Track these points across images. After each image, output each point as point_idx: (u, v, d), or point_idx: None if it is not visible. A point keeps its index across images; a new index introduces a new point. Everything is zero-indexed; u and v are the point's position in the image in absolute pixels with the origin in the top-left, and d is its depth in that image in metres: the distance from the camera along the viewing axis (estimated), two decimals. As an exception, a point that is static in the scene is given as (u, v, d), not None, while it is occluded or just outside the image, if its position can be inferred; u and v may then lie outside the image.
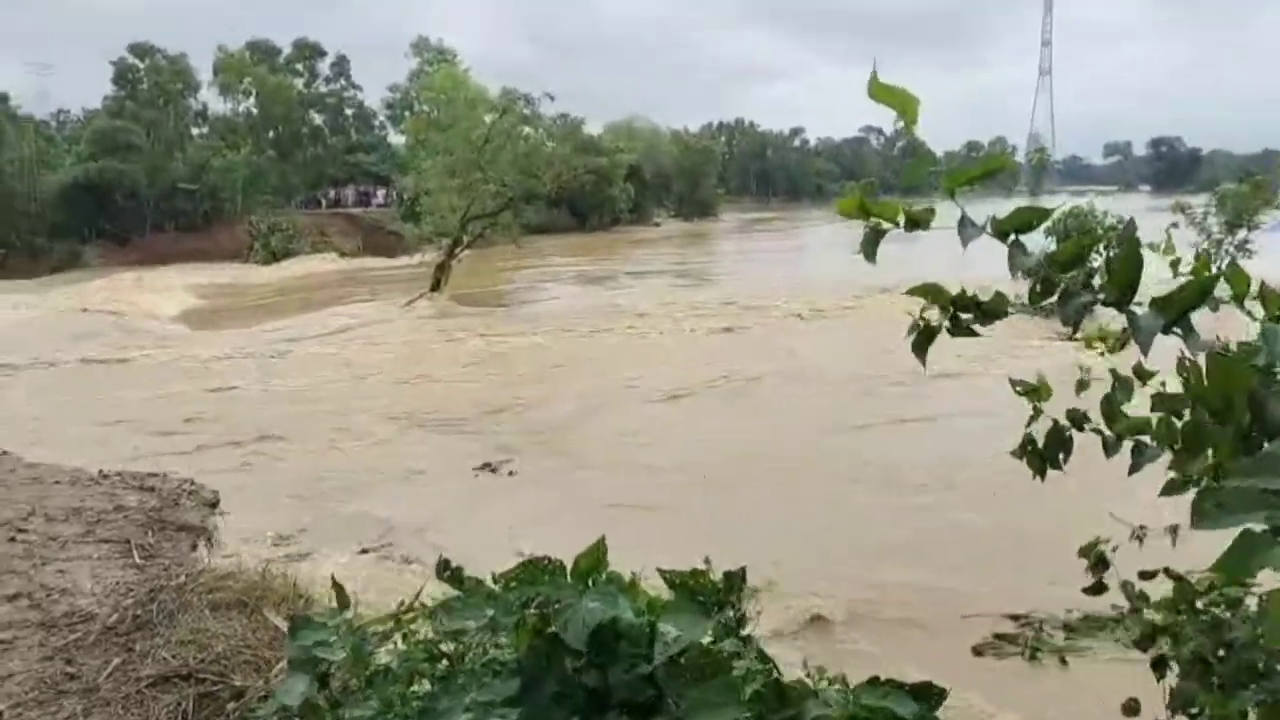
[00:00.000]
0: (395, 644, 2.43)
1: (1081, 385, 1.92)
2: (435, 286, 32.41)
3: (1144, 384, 1.77)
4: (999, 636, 6.62)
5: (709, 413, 14.50)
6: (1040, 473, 1.79)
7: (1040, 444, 1.80)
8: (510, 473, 11.25)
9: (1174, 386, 1.64)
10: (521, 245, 37.67)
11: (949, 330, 1.57)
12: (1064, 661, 6.21)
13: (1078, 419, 1.79)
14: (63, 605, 3.99)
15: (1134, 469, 1.68)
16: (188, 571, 4.19)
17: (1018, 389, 1.89)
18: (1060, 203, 19.87)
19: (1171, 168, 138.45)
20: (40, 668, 3.53)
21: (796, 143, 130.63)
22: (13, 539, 4.87)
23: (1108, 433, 1.74)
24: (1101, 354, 1.92)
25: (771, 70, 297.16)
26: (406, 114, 49.86)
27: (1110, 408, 1.74)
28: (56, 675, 3.49)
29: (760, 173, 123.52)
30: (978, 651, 6.45)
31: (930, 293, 1.57)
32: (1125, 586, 2.18)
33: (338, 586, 2.53)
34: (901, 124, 1.49)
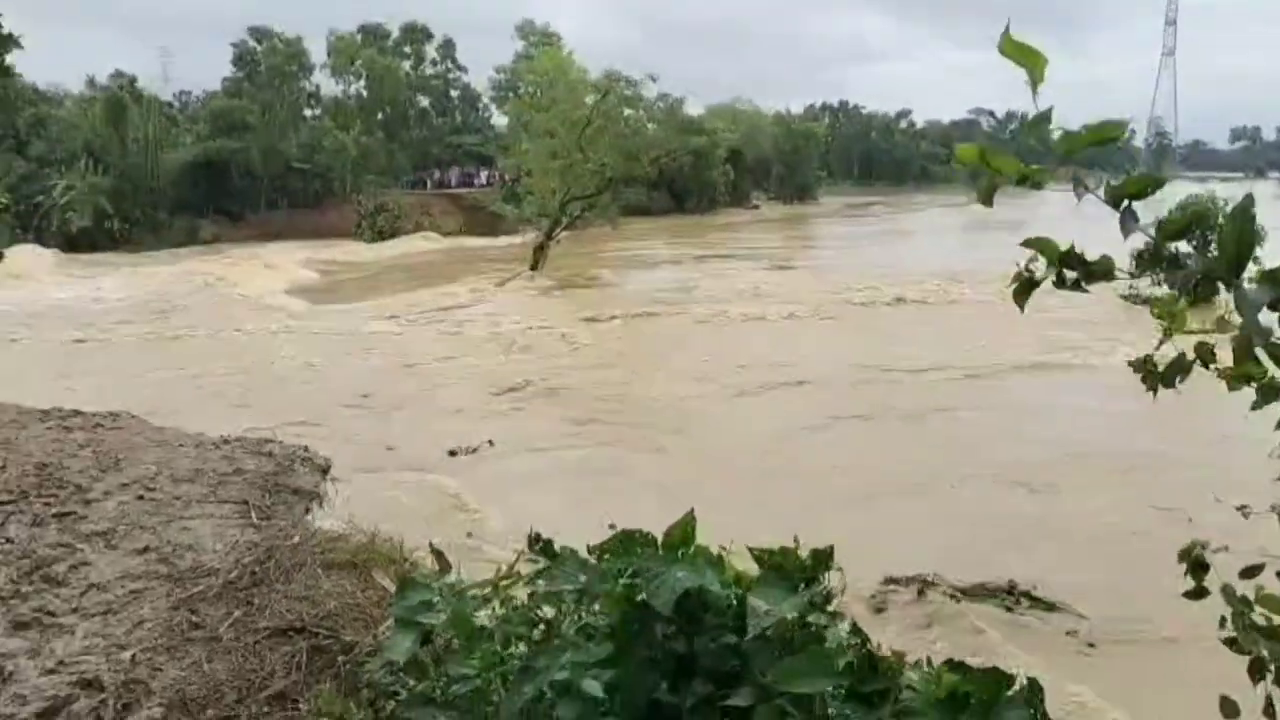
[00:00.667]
0: (493, 609, 2.56)
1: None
2: (534, 266, 32.91)
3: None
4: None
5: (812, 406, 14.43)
6: (1153, 389, 1.79)
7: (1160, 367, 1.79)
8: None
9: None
10: (619, 227, 37.90)
11: (1054, 283, 1.60)
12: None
13: (1205, 353, 1.78)
14: (188, 560, 4.26)
15: (1256, 406, 1.67)
16: (301, 533, 4.43)
17: (1153, 312, 1.89)
18: (1179, 192, 18.97)
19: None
20: (168, 616, 3.79)
21: (903, 125, 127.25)
22: (141, 497, 5.19)
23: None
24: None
25: (879, 51, 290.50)
26: (510, 96, 50.59)
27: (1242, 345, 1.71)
28: (183, 624, 3.74)
29: (863, 155, 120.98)
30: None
31: (1041, 245, 1.60)
32: (1225, 590, 2.15)
33: (437, 552, 2.64)
34: (1025, 96, 1.52)
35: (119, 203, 50.48)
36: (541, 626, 2.46)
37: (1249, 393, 1.63)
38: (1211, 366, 1.74)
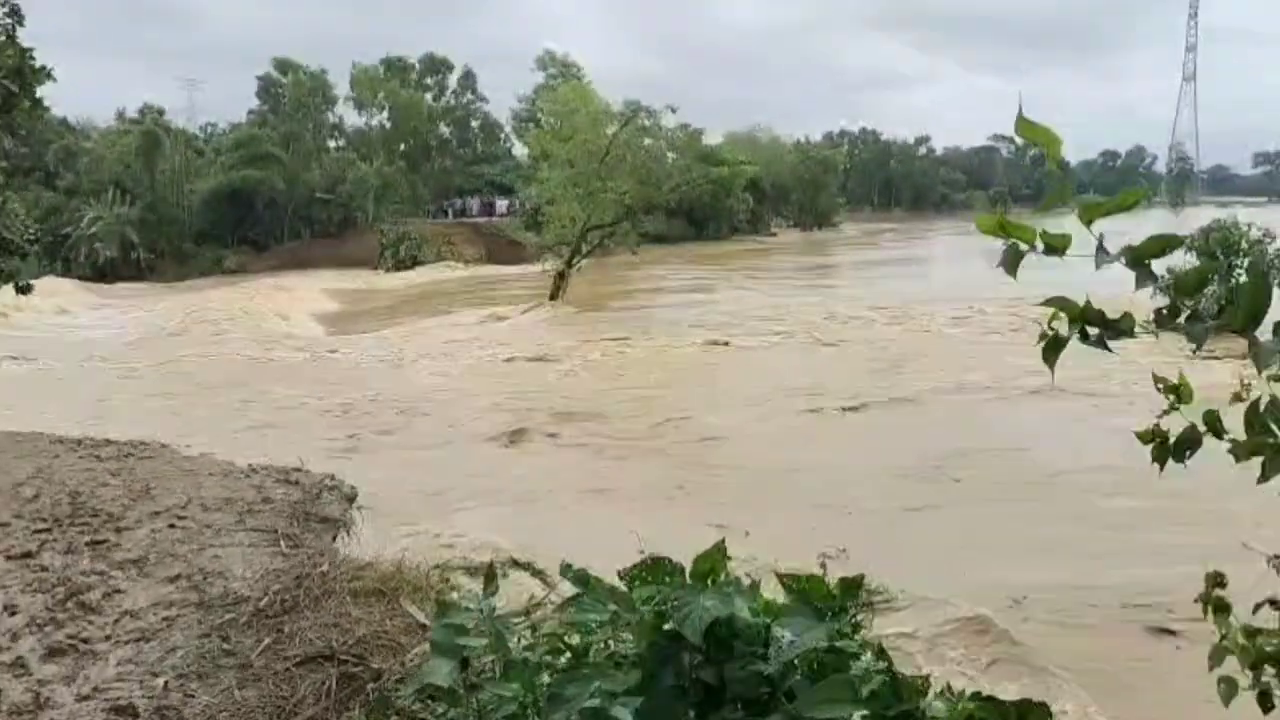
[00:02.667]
0: (520, 637, 2.60)
1: (1237, 398, 1.93)
2: (554, 294, 33.13)
3: None
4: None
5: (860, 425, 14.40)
6: (1160, 463, 1.82)
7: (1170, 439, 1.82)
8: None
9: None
10: (638, 253, 38.09)
11: (1079, 339, 1.64)
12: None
13: (1214, 424, 1.80)
14: (218, 587, 4.33)
15: (1263, 479, 1.70)
16: (330, 560, 4.49)
17: (1158, 386, 1.92)
18: (1202, 217, 18.92)
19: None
20: (199, 643, 3.86)
21: (922, 151, 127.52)
22: (173, 525, 5.28)
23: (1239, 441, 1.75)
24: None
25: (899, 78, 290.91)
26: (531, 126, 51.19)
27: (1254, 417, 1.74)
28: (214, 650, 3.81)
29: (883, 182, 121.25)
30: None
31: (1060, 306, 1.64)
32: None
33: (490, 572, 2.68)
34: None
35: (145, 233, 51.37)
36: (568, 655, 2.49)
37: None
38: (1225, 437, 1.76)
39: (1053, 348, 1.67)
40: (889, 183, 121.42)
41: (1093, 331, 1.60)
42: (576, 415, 15.19)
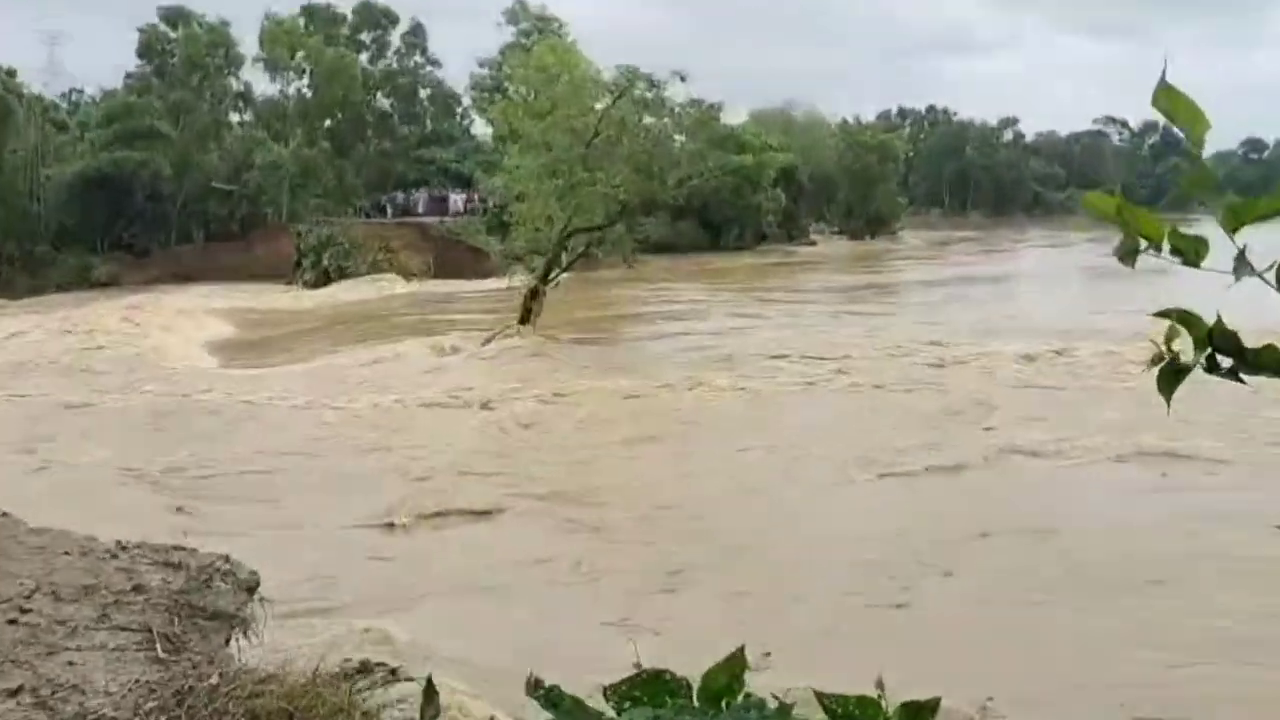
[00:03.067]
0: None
1: None
2: (525, 319, 33.14)
3: None
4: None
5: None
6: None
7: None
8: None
9: None
10: (635, 265, 38.16)
11: (1203, 368, 1.63)
12: None
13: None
14: (73, 705, 4.29)
15: None
16: (221, 670, 4.46)
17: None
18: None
19: None
20: (45, 781, 3.82)
21: (1008, 137, 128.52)
22: (13, 621, 5.23)
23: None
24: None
25: (976, 41, 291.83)
26: (497, 98, 51.56)
27: None
28: (65, 792, 3.77)
29: (956, 176, 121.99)
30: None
31: (1180, 318, 1.62)
32: None
33: (430, 691, 2.68)
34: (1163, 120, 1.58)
35: (-14, 234, 51.42)
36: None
37: None
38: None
39: (1170, 375, 1.66)
40: (964, 177, 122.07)
41: (1223, 361, 1.59)
42: (548, 483, 15.22)
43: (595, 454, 17.38)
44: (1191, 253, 1.58)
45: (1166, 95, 1.54)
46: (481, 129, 70.54)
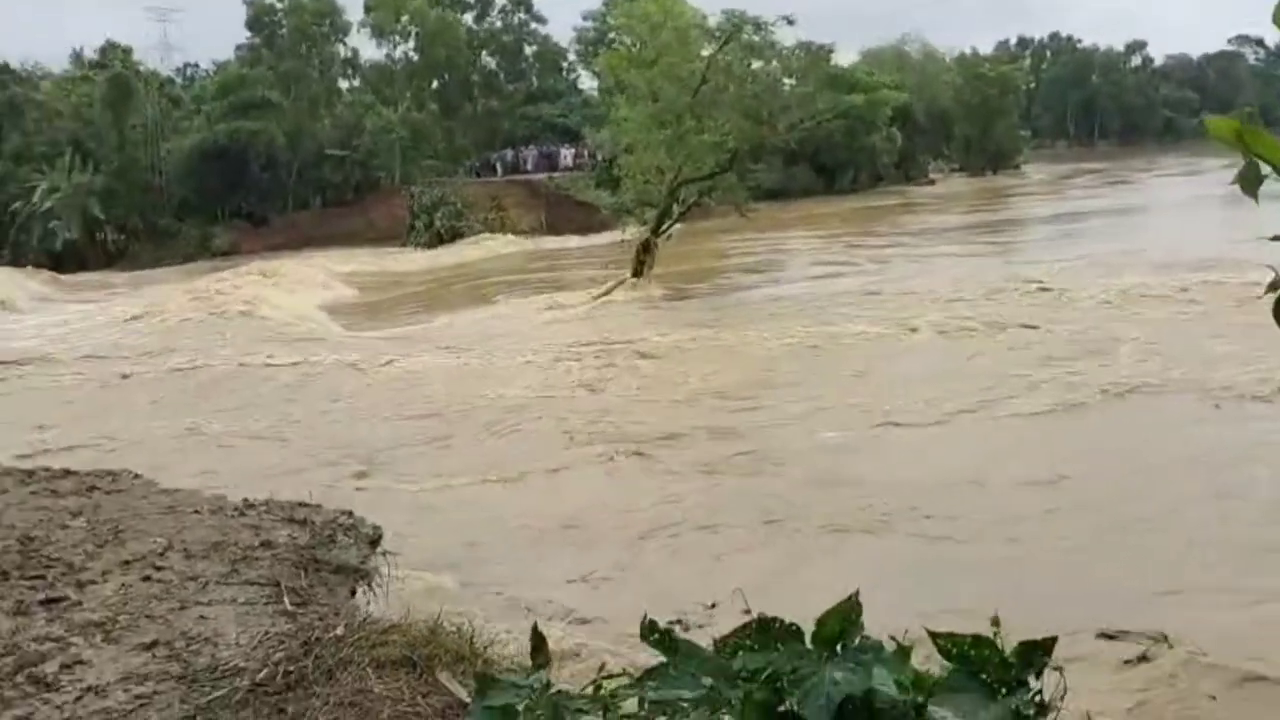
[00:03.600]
0: (591, 718, 2.61)
1: None
2: (638, 272, 33.16)
3: None
4: None
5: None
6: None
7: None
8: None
9: None
10: (748, 214, 37.91)
11: None
12: None
13: None
14: (205, 656, 4.43)
15: None
16: (346, 621, 4.57)
17: None
18: None
19: None
20: (182, 729, 3.96)
21: (1135, 62, 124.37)
22: (148, 578, 5.43)
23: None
24: None
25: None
26: (602, 50, 51.49)
27: None
28: (200, 739, 3.91)
29: (1082, 105, 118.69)
30: None
31: None
32: None
33: (538, 636, 2.71)
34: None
35: (113, 207, 53.17)
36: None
37: None
38: None
39: None
40: (1090, 106, 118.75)
41: None
42: (666, 437, 15.21)
43: (719, 399, 17.51)
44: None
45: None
46: (588, 83, 70.76)
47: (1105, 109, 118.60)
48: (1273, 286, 1.59)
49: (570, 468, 14.04)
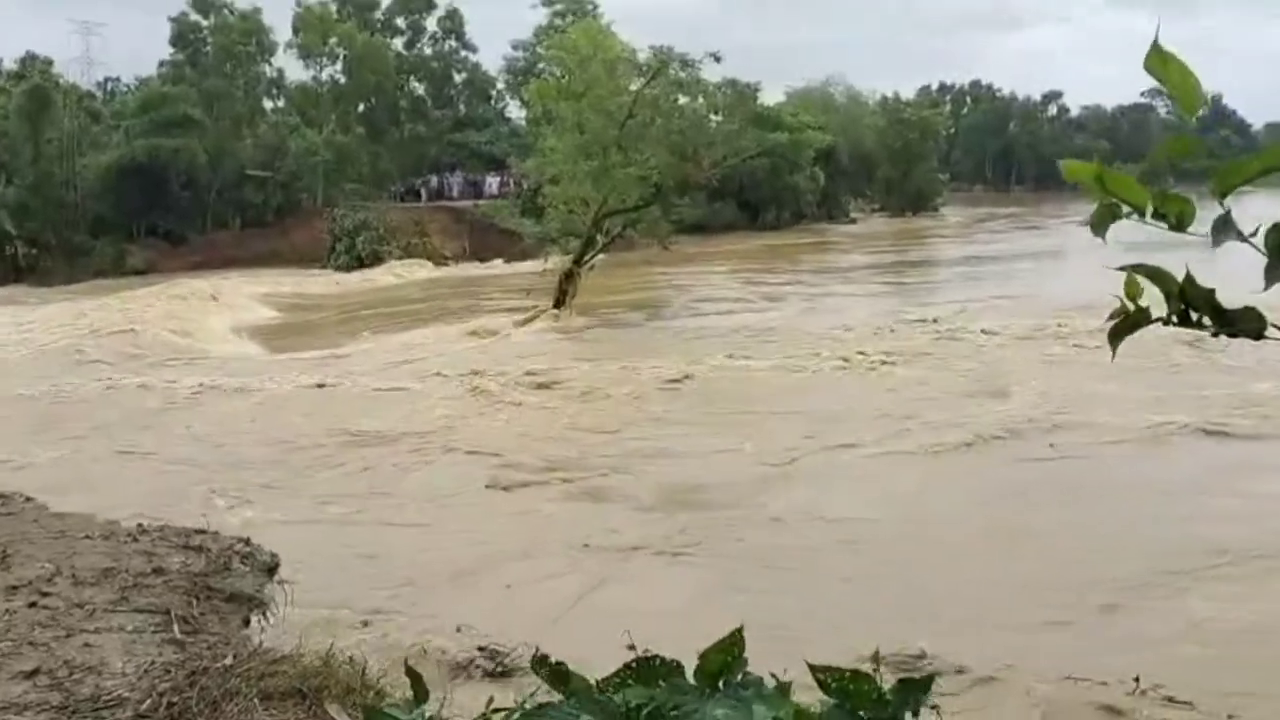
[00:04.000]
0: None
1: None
2: (560, 302, 33.18)
3: None
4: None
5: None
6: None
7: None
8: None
9: None
10: (671, 247, 38.11)
11: (1176, 323, 1.57)
12: None
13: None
14: (88, 686, 4.32)
15: None
16: (236, 651, 4.48)
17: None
18: None
19: None
20: (59, 761, 3.84)
21: (1051, 111, 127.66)
22: (33, 604, 5.28)
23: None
24: None
25: (1018, 13, 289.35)
26: (531, 81, 51.69)
27: None
28: (77, 772, 3.79)
29: (1000, 152, 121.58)
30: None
31: (1150, 275, 1.58)
32: None
33: (413, 674, 2.68)
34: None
35: (25, 221, 52.15)
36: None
37: None
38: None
39: (1123, 328, 1.61)
40: (1007, 152, 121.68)
41: (1196, 317, 1.53)
42: (578, 464, 15.23)
43: (626, 427, 17.60)
44: (1176, 217, 1.52)
45: (1159, 59, 1.48)
46: (516, 112, 70.85)
47: (1022, 156, 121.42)
48: (1113, 316, 1.62)
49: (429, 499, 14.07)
